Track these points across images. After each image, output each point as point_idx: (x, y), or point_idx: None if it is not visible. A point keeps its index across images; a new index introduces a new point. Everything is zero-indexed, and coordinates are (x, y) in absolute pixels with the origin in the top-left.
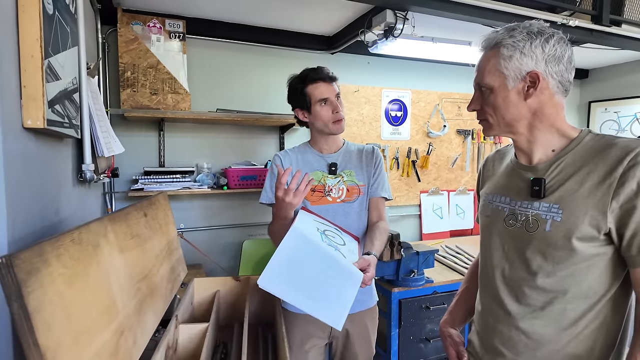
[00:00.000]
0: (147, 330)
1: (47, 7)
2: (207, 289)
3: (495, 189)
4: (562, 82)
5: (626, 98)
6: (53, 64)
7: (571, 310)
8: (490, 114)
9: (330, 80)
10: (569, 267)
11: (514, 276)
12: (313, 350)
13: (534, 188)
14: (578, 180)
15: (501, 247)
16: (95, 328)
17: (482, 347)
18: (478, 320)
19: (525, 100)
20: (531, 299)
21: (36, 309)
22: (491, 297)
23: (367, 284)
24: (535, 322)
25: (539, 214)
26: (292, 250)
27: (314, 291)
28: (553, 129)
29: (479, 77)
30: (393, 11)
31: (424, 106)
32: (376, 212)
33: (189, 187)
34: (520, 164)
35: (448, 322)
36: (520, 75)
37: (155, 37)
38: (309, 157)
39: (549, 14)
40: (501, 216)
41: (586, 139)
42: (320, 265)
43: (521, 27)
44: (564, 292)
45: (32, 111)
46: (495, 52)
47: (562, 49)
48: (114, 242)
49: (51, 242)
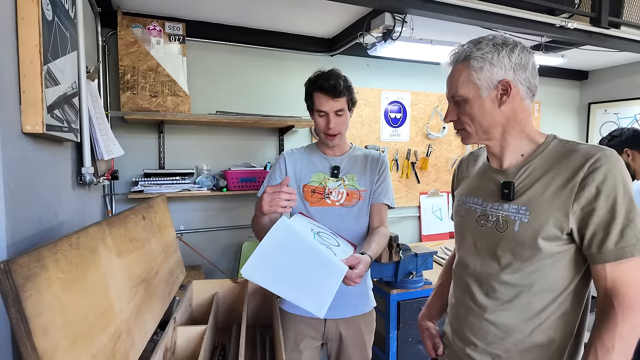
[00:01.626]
0: (145, 332)
1: (47, 13)
2: (206, 291)
3: (469, 190)
4: (530, 88)
5: (626, 99)
6: (52, 69)
7: (536, 303)
8: (468, 123)
9: (335, 94)
10: (534, 264)
11: (484, 272)
12: (307, 351)
13: (504, 191)
14: (544, 184)
15: (473, 245)
16: (93, 332)
17: (454, 337)
18: (451, 312)
19: (500, 107)
20: (500, 293)
21: (34, 313)
22: (463, 291)
23: (354, 282)
24: (503, 314)
25: (508, 215)
26: (277, 240)
27: (297, 280)
28: (523, 134)
29: (452, 89)
30: (392, 14)
31: (423, 108)
32: (378, 217)
33: (189, 189)
34: (492, 167)
35: (425, 315)
36: (492, 84)
37: (155, 39)
38: (313, 158)
39: (548, 16)
40: (473, 216)
41: (551, 144)
42: (304, 256)
43: (486, 40)
44: (530, 286)
45: (31, 117)
46: (466, 64)
47: (526, 57)
48: (112, 246)
49: (49, 247)
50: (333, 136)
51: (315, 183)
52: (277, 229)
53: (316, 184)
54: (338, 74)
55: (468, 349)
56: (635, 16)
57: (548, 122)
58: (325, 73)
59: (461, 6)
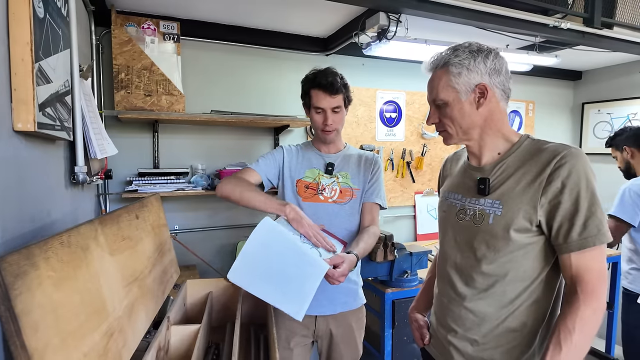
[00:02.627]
0: (138, 331)
1: (38, 10)
2: (200, 290)
3: (451, 187)
4: (505, 90)
5: (619, 100)
6: (44, 67)
7: (509, 292)
8: (449, 125)
9: (333, 91)
10: (507, 255)
11: (464, 263)
12: (298, 348)
13: (480, 186)
14: (515, 180)
15: (454, 238)
16: (84, 330)
17: (438, 325)
18: (435, 302)
19: (478, 109)
20: (477, 282)
21: (23, 311)
22: (445, 282)
23: (337, 280)
24: (480, 302)
25: (484, 209)
26: (259, 242)
27: (278, 281)
28: (499, 134)
29: (433, 94)
30: (386, 14)
31: (418, 107)
32: (369, 216)
33: (183, 188)
34: (471, 165)
35: (415, 308)
36: (470, 88)
37: (149, 38)
38: (309, 154)
39: (541, 16)
40: (454, 211)
41: (525, 143)
42: (286, 254)
43: (462, 47)
44: (504, 275)
45: (23, 115)
46: (445, 70)
47: (500, 62)
48: (104, 245)
49: (40, 245)
50: (329, 132)
51: (309, 179)
52: (260, 228)
53: (310, 180)
54: (335, 71)
55: (449, 336)
56: (628, 17)
57: (542, 122)
58: (322, 71)
59: (455, 6)
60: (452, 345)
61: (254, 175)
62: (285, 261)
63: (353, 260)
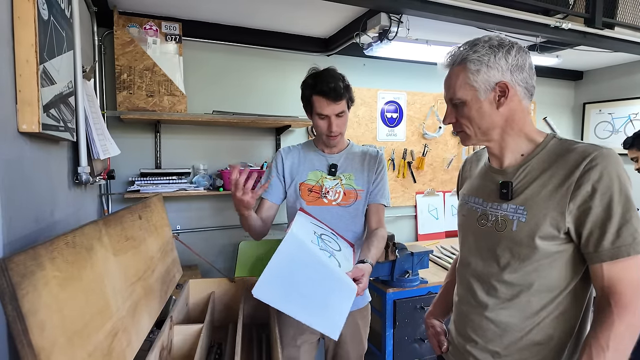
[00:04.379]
0: (141, 331)
1: (42, 12)
2: (202, 290)
3: (471, 190)
4: (528, 88)
5: (620, 100)
6: (48, 68)
7: (535, 302)
8: (467, 126)
9: (336, 98)
10: (533, 264)
11: (485, 271)
12: (305, 346)
13: (502, 191)
14: (541, 183)
15: (475, 244)
16: (89, 329)
17: (457, 334)
18: (455, 310)
19: (498, 109)
20: (500, 292)
21: (30, 311)
22: (466, 289)
23: (360, 294)
24: (502, 312)
25: (506, 214)
26: (288, 258)
27: (310, 301)
28: (522, 134)
29: (450, 92)
30: (388, 14)
31: (419, 108)
32: (376, 217)
33: (185, 188)
34: (492, 167)
35: (432, 313)
36: (489, 86)
37: (151, 39)
38: (311, 155)
39: (542, 16)
40: (474, 216)
41: (550, 143)
42: (316, 275)
43: (482, 41)
44: (529, 285)
45: (27, 116)
46: (463, 67)
47: (523, 57)
48: (108, 245)
49: (45, 246)
50: (334, 137)
51: (312, 182)
52: (287, 244)
53: (313, 183)
54: (336, 74)
55: (468, 346)
56: (629, 17)
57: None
58: (323, 74)
59: (457, 6)
60: (471, 356)
61: (265, 204)
62: (314, 279)
63: (370, 271)
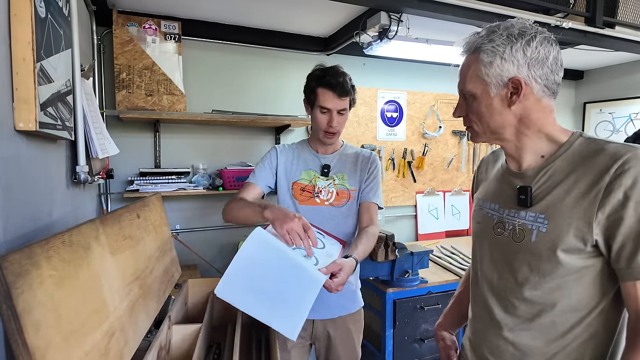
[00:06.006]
0: (139, 331)
1: (40, 10)
2: (201, 289)
3: (486, 194)
4: (548, 85)
5: (621, 99)
6: (45, 66)
7: (560, 324)
8: (475, 122)
9: (342, 93)
10: (555, 280)
11: (502, 286)
12: (295, 350)
13: (521, 197)
14: (565, 189)
15: (490, 255)
16: (86, 329)
17: (472, 354)
18: (469, 327)
19: (510, 107)
20: (520, 310)
21: (25, 310)
22: (481, 305)
23: (336, 290)
24: (524, 333)
25: (525, 223)
26: (250, 256)
27: (270, 299)
28: (541, 134)
29: (461, 83)
30: (387, 13)
31: (419, 107)
32: (367, 216)
33: (185, 188)
34: (509, 169)
35: (442, 325)
36: (502, 81)
37: (150, 38)
38: (305, 155)
39: (543, 15)
40: (490, 224)
41: (575, 143)
42: (279, 272)
43: (501, 28)
44: (552, 305)
45: (24, 114)
46: (475, 57)
47: (546, 49)
48: (105, 244)
49: (41, 244)
50: (332, 134)
51: (305, 181)
52: (251, 239)
53: (306, 182)
54: (343, 72)
55: None
56: (630, 16)
57: None
58: (332, 69)
59: (457, 5)
60: None
61: (254, 189)
62: (278, 275)
63: (352, 265)
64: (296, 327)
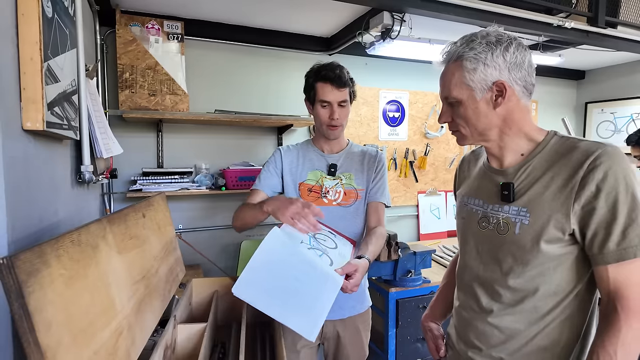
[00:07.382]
0: (145, 330)
1: (47, 10)
2: (206, 289)
3: (470, 191)
4: (527, 87)
5: (622, 99)
6: (52, 66)
7: (541, 307)
8: (463, 126)
9: (340, 85)
10: (537, 268)
11: (487, 276)
12: (304, 350)
13: (504, 192)
14: (544, 184)
15: (475, 248)
16: (95, 328)
17: (458, 340)
18: (455, 315)
19: (495, 109)
20: (504, 297)
21: (36, 309)
22: (467, 295)
23: (351, 291)
24: (508, 317)
25: (509, 217)
26: (268, 255)
27: (289, 299)
28: (521, 134)
29: (445, 91)
30: (390, 13)
31: (421, 107)
32: (375, 216)
33: (188, 187)
34: (491, 167)
35: (429, 316)
36: (486, 85)
37: (153, 38)
38: (310, 155)
39: (545, 15)
40: (475, 218)
41: (551, 142)
42: (297, 270)
43: (479, 37)
44: (534, 291)
45: (32, 113)
46: (458, 65)
47: (522, 54)
48: (112, 243)
49: (51, 244)
50: (335, 127)
51: (312, 181)
52: (269, 239)
53: (313, 183)
54: (340, 65)
55: (470, 352)
56: (632, 16)
57: (545, 121)
58: (328, 64)
59: (459, 5)
60: None
61: (259, 195)
62: (296, 275)
63: (366, 266)
64: (315, 328)
